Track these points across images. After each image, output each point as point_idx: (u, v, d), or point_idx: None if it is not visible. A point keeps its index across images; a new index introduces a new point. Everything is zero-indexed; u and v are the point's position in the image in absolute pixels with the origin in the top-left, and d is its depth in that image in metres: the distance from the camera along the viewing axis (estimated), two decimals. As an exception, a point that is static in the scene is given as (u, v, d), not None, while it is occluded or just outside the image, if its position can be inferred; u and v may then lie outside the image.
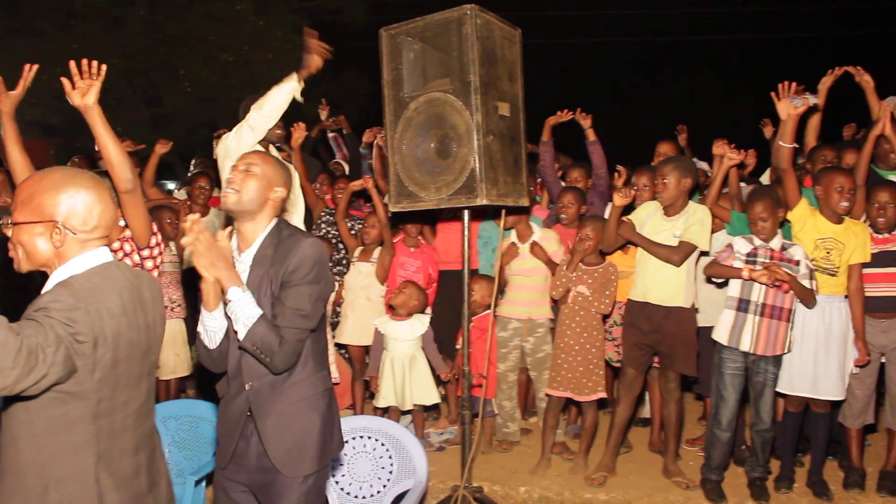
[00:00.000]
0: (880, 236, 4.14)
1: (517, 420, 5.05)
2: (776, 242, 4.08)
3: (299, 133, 5.29)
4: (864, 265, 4.10)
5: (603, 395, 4.52)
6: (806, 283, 3.97)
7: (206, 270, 2.32)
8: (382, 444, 3.85)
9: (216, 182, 5.72)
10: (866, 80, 4.65)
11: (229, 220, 2.81)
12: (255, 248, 2.55)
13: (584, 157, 5.61)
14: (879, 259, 4.11)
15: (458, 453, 4.37)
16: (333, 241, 5.81)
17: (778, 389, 4.20)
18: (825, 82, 4.56)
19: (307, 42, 4.28)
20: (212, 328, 2.50)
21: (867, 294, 4.12)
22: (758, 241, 4.06)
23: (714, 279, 4.22)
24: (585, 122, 5.27)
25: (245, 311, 2.34)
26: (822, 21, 17.82)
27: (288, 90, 4.16)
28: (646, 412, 5.32)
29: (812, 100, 4.19)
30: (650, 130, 6.12)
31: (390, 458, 3.82)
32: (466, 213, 3.82)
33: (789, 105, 4.11)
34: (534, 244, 4.79)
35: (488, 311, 4.76)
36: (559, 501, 4.33)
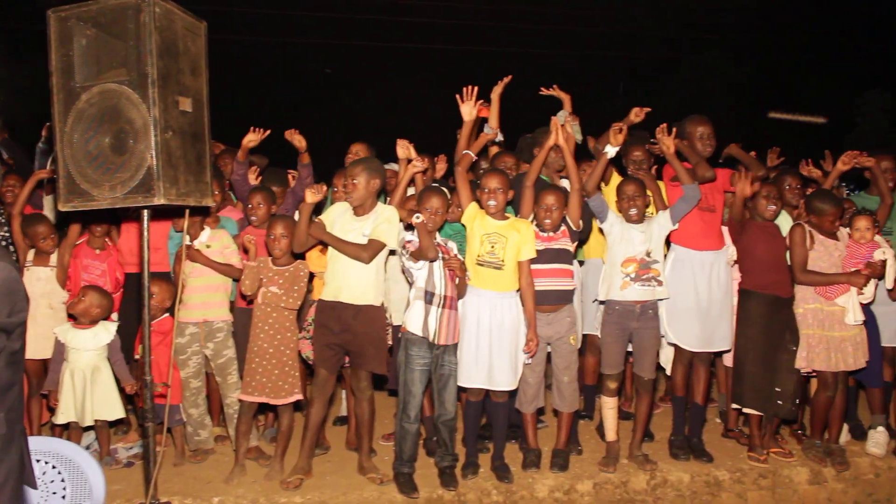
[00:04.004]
0: (546, 234, 4.65)
1: (208, 427, 4.99)
2: (440, 238, 4.51)
3: None
4: (532, 261, 4.56)
5: (299, 396, 4.61)
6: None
7: None
8: (54, 467, 3.63)
9: None
10: (564, 96, 5.28)
11: None
12: None
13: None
14: (545, 256, 4.62)
15: (148, 468, 4.22)
16: (3, 242, 5.30)
17: (458, 383, 4.56)
18: (496, 91, 5.03)
19: None
20: None
21: (536, 289, 4.57)
22: None
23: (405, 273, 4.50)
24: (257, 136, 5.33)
25: None
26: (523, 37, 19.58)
27: None
28: (343, 410, 5.49)
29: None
30: (351, 132, 6.31)
31: (63, 481, 3.61)
32: (145, 212, 3.69)
33: (473, 108, 4.58)
34: (189, 248, 4.73)
35: (167, 315, 4.66)
36: (254, 509, 4.33)
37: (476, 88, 4.67)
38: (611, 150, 4.69)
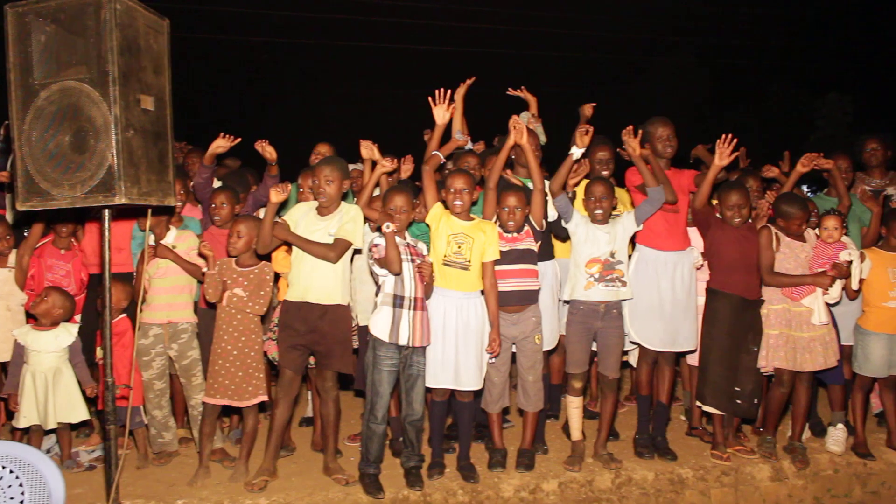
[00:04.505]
0: (510, 235, 4.66)
1: (172, 429, 4.94)
2: (410, 238, 4.51)
3: None
4: (497, 262, 4.58)
5: (263, 398, 4.57)
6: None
7: None
8: (11, 472, 3.55)
9: None
10: (531, 98, 5.28)
11: None
12: None
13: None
14: (509, 256, 4.64)
15: (110, 472, 4.16)
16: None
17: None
18: (459, 92, 5.05)
19: None
20: None
21: (500, 289, 4.59)
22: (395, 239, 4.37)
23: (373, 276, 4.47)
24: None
25: None
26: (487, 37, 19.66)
27: None
28: (309, 411, 5.46)
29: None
30: (314, 132, 6.28)
31: (21, 485, 3.53)
32: (107, 212, 3.64)
33: (446, 111, 4.63)
34: (159, 246, 4.71)
35: (124, 315, 4.61)
36: (218, 511, 4.29)
37: (449, 92, 4.70)
38: (576, 152, 4.71)
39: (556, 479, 4.72)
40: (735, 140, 4.77)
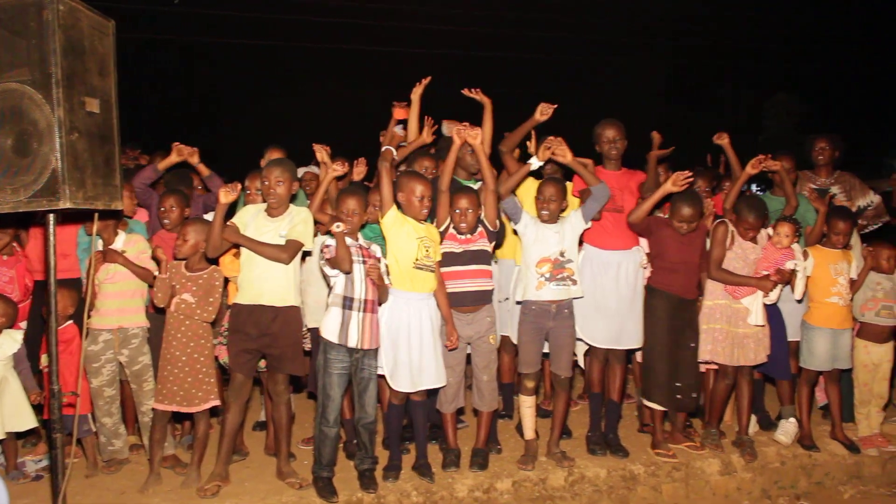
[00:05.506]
0: (463, 237, 4.70)
1: (122, 436, 4.86)
2: (363, 241, 4.50)
3: None
4: (451, 263, 4.67)
5: (215, 402, 4.54)
6: (386, 279, 4.51)
7: None
8: (-52, 484, 3.44)
9: None
10: (485, 100, 5.30)
11: None
12: None
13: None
14: (463, 257, 4.68)
15: (58, 481, 4.09)
16: None
17: (395, 387, 4.56)
18: (416, 92, 5.07)
19: None
20: None
21: (455, 290, 4.67)
22: (347, 240, 4.38)
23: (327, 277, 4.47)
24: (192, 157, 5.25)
25: None
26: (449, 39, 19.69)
27: None
28: (263, 416, 5.43)
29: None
30: (266, 134, 6.25)
31: (-39, 497, 3.44)
32: (51, 217, 3.58)
33: (430, 135, 4.97)
34: (108, 250, 4.64)
35: (71, 322, 4.54)
36: (168, 518, 4.25)
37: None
38: (535, 163, 4.78)
39: (510, 478, 4.76)
40: (691, 177, 4.84)
